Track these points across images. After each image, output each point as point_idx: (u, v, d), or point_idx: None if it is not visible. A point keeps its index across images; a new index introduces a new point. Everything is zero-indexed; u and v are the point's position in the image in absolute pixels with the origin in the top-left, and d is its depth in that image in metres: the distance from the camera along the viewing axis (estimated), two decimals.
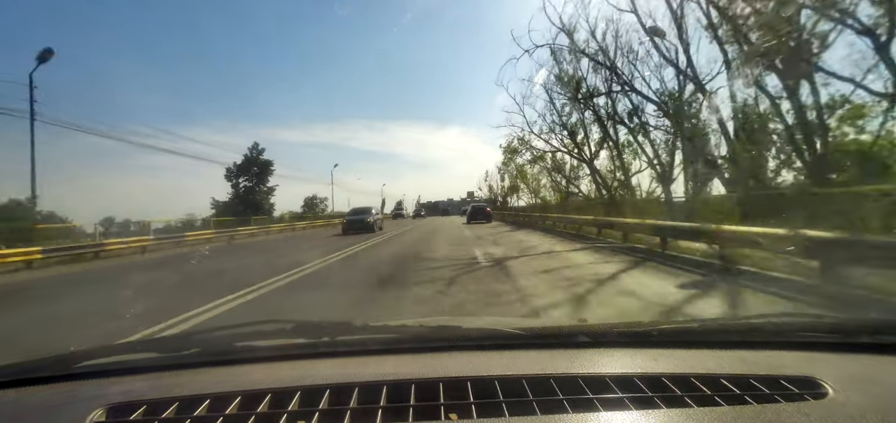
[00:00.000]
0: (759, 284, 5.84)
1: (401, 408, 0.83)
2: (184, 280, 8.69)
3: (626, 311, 4.71)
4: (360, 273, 8.33)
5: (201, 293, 6.27)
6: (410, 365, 1.01)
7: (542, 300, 5.20)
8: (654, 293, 5.47)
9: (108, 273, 10.63)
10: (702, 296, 5.43)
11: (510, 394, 0.86)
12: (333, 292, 6.56)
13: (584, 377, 0.92)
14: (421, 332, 1.24)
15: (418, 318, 1.56)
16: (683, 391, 0.86)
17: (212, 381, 0.99)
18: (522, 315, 4.57)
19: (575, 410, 0.81)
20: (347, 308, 5.22)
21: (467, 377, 0.93)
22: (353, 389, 0.90)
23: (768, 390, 0.87)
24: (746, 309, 4.94)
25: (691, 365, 0.98)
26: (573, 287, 5.91)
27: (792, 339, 1.14)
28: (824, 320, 1.21)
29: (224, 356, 1.13)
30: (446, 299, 5.31)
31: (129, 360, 1.13)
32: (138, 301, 6.31)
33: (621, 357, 1.05)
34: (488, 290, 5.84)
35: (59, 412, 0.89)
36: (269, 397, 0.89)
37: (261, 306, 5.38)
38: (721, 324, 1.27)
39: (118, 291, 7.65)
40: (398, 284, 6.71)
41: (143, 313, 5.20)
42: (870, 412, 0.77)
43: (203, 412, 0.86)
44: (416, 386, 0.90)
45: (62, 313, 6.09)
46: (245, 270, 9.17)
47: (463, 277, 6.97)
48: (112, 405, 0.88)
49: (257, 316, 3.98)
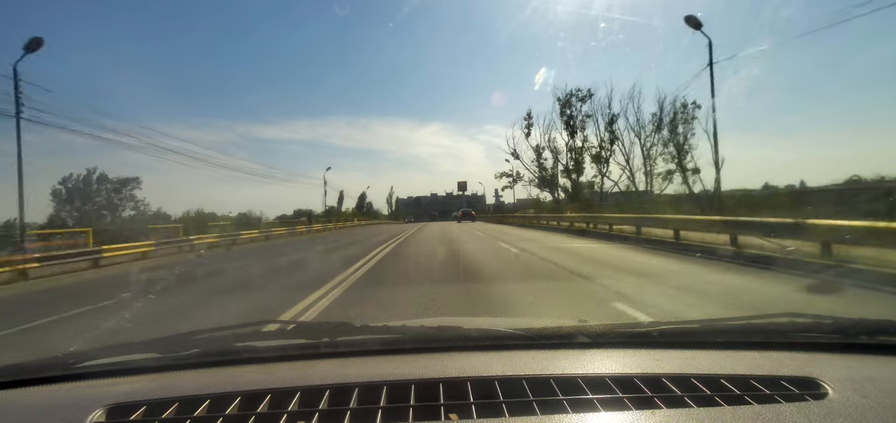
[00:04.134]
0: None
1: (401, 409, 0.83)
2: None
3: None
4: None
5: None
6: (410, 365, 1.01)
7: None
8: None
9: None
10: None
11: (510, 394, 0.86)
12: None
13: (584, 378, 0.92)
14: (421, 332, 1.24)
15: (419, 318, 1.56)
16: (683, 392, 0.86)
17: (212, 381, 0.98)
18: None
19: (575, 410, 0.81)
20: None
21: (467, 377, 0.93)
22: (353, 389, 0.90)
23: (768, 390, 0.87)
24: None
25: (691, 365, 0.98)
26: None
27: (792, 339, 1.14)
28: (824, 321, 1.20)
29: (224, 356, 1.13)
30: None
31: (129, 360, 1.13)
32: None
33: (621, 357, 1.05)
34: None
35: (59, 412, 0.89)
36: (269, 397, 0.88)
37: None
38: (721, 324, 1.26)
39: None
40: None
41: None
42: (870, 413, 0.77)
43: (203, 412, 0.86)
44: (416, 387, 0.90)
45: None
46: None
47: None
48: (112, 405, 0.88)
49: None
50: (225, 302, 6.20)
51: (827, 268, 6.39)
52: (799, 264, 6.81)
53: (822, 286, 5.62)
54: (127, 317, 5.38)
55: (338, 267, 8.96)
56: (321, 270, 9.34)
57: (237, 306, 5.76)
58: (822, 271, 6.29)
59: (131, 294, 7.40)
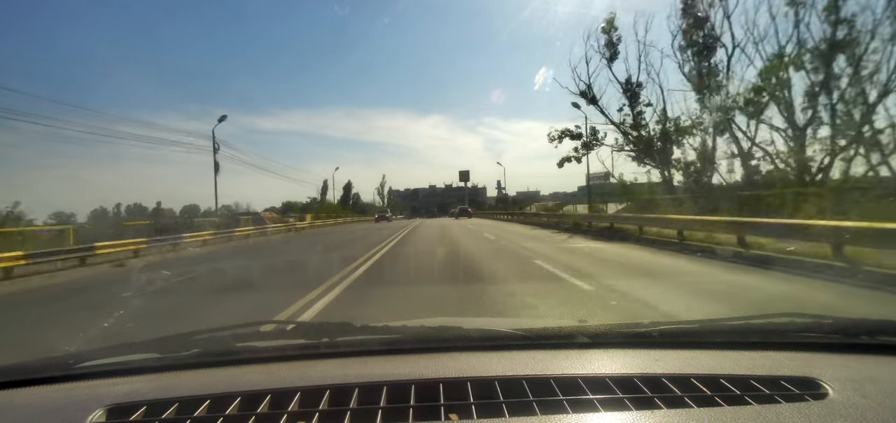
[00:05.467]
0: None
1: (401, 409, 0.83)
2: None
3: None
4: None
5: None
6: (410, 366, 1.01)
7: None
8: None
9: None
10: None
11: (510, 394, 0.86)
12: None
13: (584, 378, 0.92)
14: (421, 332, 1.24)
15: (419, 318, 1.56)
16: (683, 392, 0.86)
17: (212, 381, 0.98)
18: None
19: (575, 410, 0.81)
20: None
21: (467, 377, 0.93)
22: (353, 389, 0.90)
23: (768, 390, 0.87)
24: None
25: (691, 365, 0.98)
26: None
27: (792, 339, 1.14)
28: (824, 321, 1.20)
29: (224, 356, 1.13)
30: None
31: (128, 360, 1.13)
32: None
33: (621, 358, 1.04)
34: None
35: (59, 413, 0.89)
36: (269, 397, 0.88)
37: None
38: (721, 324, 1.26)
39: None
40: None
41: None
42: (870, 413, 0.77)
43: (203, 412, 0.86)
44: (416, 387, 0.90)
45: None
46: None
47: None
48: (112, 405, 0.88)
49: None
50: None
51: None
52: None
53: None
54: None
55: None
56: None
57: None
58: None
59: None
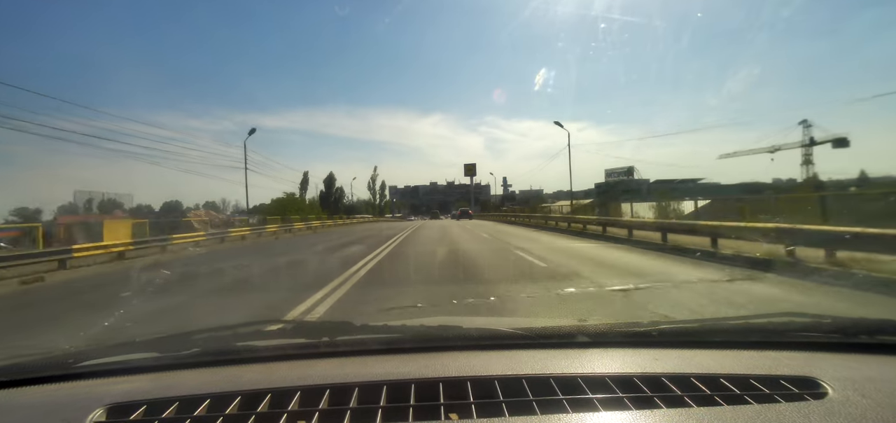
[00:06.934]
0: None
1: (401, 408, 0.83)
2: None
3: None
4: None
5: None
6: (410, 365, 1.01)
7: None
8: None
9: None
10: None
11: (510, 394, 0.86)
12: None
13: (584, 377, 0.92)
14: (421, 332, 1.24)
15: (419, 317, 1.56)
16: (683, 391, 0.86)
17: (212, 381, 0.98)
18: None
19: (575, 410, 0.81)
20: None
21: (467, 376, 0.93)
22: (352, 389, 0.90)
23: (768, 390, 0.87)
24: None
25: (691, 365, 0.98)
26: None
27: (792, 339, 1.14)
28: (824, 320, 1.21)
29: (224, 356, 1.13)
30: None
31: (129, 359, 1.13)
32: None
33: (621, 357, 1.04)
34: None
35: (60, 412, 0.89)
36: (269, 397, 0.88)
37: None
38: (721, 324, 1.26)
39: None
40: None
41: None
42: (870, 412, 0.77)
43: (203, 412, 0.86)
44: (416, 386, 0.90)
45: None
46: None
47: None
48: (112, 404, 0.88)
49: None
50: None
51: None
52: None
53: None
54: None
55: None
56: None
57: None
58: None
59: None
